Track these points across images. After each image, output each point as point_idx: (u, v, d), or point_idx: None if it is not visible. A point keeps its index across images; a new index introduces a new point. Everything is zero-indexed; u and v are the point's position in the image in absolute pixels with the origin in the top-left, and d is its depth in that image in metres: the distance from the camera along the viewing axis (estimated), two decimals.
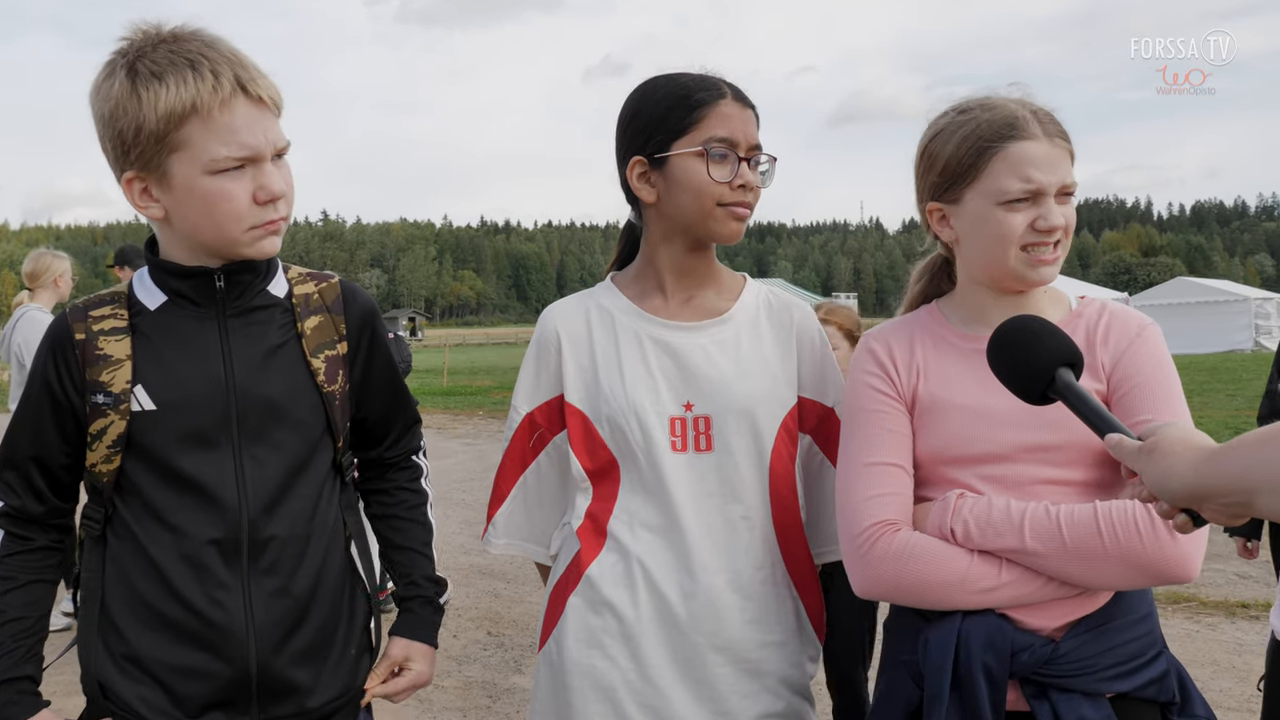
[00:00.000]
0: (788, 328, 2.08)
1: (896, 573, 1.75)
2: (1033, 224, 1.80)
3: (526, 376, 2.11)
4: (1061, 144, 1.82)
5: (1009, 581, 1.72)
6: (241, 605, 1.78)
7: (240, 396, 1.80)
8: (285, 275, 1.94)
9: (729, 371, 2.00)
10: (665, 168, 1.97)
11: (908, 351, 1.92)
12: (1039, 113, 1.83)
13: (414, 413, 2.17)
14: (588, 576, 1.99)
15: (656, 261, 2.06)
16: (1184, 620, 6.19)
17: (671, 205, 1.99)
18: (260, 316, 1.86)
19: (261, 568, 1.79)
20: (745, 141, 1.95)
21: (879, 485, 1.82)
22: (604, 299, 2.10)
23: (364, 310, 1.99)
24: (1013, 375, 1.57)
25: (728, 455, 1.98)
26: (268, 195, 1.74)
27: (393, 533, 2.11)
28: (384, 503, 2.12)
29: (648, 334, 2.03)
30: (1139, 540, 1.67)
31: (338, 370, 1.91)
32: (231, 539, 1.78)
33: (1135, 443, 1.37)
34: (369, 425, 2.06)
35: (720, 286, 2.10)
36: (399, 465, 2.14)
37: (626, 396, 1.98)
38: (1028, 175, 1.79)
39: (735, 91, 1.98)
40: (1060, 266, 1.85)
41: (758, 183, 1.98)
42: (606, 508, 2.01)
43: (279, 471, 1.82)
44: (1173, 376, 1.82)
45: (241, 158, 1.71)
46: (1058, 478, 1.78)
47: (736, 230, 1.98)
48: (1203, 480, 1.27)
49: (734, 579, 1.96)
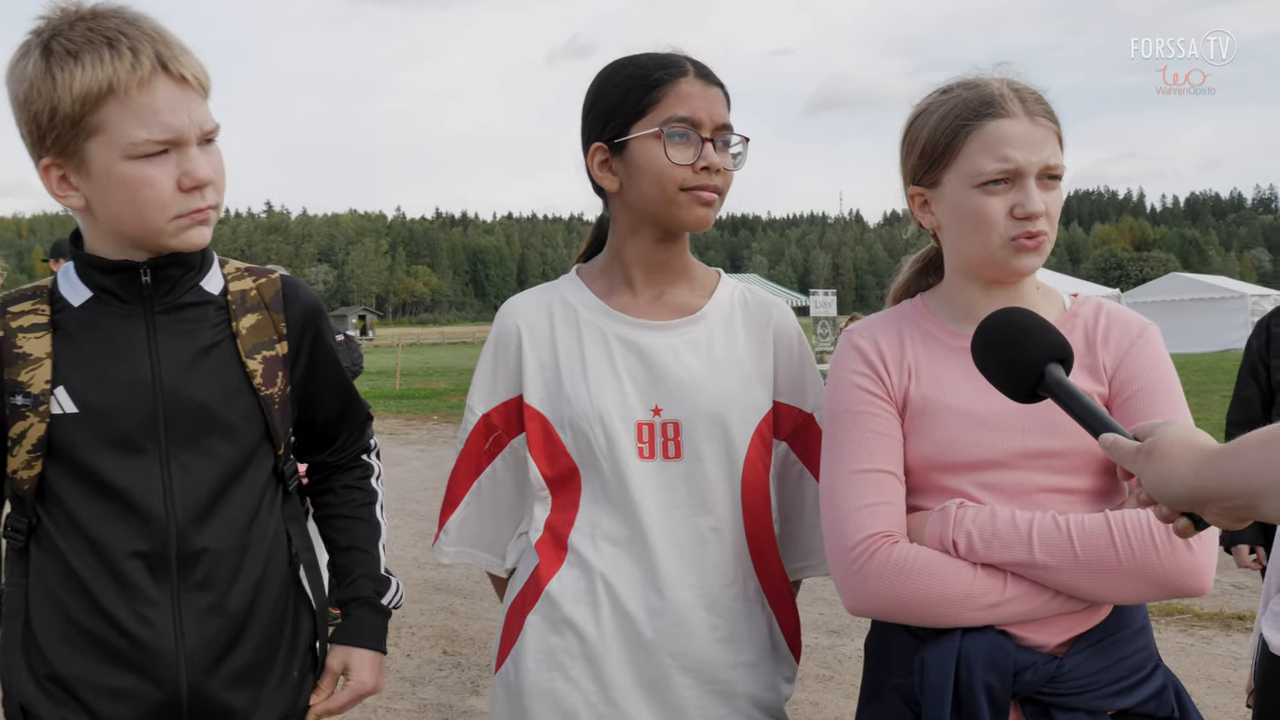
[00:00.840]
0: (764, 327, 2.07)
1: (896, 589, 1.72)
2: (1012, 210, 1.79)
3: (483, 374, 2.09)
4: (1045, 124, 1.81)
5: (1015, 596, 1.72)
6: (171, 623, 1.76)
7: (168, 400, 1.78)
8: (221, 270, 1.92)
9: (700, 374, 1.99)
10: (625, 153, 1.96)
11: (898, 349, 1.91)
12: (1022, 91, 1.83)
13: (364, 413, 2.16)
14: (547, 593, 1.97)
15: (624, 255, 2.05)
16: (1177, 633, 6.25)
17: (634, 192, 1.98)
18: (191, 314, 1.84)
19: (192, 583, 1.77)
20: (710, 121, 1.94)
21: (871, 494, 1.80)
22: (569, 293, 2.08)
23: (306, 308, 1.97)
24: (1000, 372, 1.56)
25: (698, 463, 1.97)
26: (193, 181, 1.72)
27: (336, 533, 2.10)
28: (329, 504, 2.12)
29: (614, 332, 2.01)
30: (1154, 552, 1.67)
31: (276, 372, 1.89)
32: (158, 552, 1.75)
33: (1132, 443, 1.37)
34: (315, 429, 2.05)
35: (693, 282, 2.08)
36: (348, 465, 2.14)
37: (590, 399, 1.97)
38: (1004, 154, 1.79)
39: (699, 68, 1.97)
40: (1046, 255, 1.84)
41: (727, 165, 1.97)
42: (567, 519, 2.00)
43: (211, 480, 1.80)
44: (1175, 379, 1.84)
45: (163, 140, 1.69)
46: (1061, 486, 1.78)
47: (704, 216, 1.96)
48: (1204, 482, 1.26)
49: (704, 595, 1.95)
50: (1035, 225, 1.79)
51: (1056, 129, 1.83)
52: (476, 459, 2.09)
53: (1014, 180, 1.79)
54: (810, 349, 2.13)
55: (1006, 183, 1.80)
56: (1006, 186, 1.80)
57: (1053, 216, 1.82)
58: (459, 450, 2.11)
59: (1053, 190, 1.82)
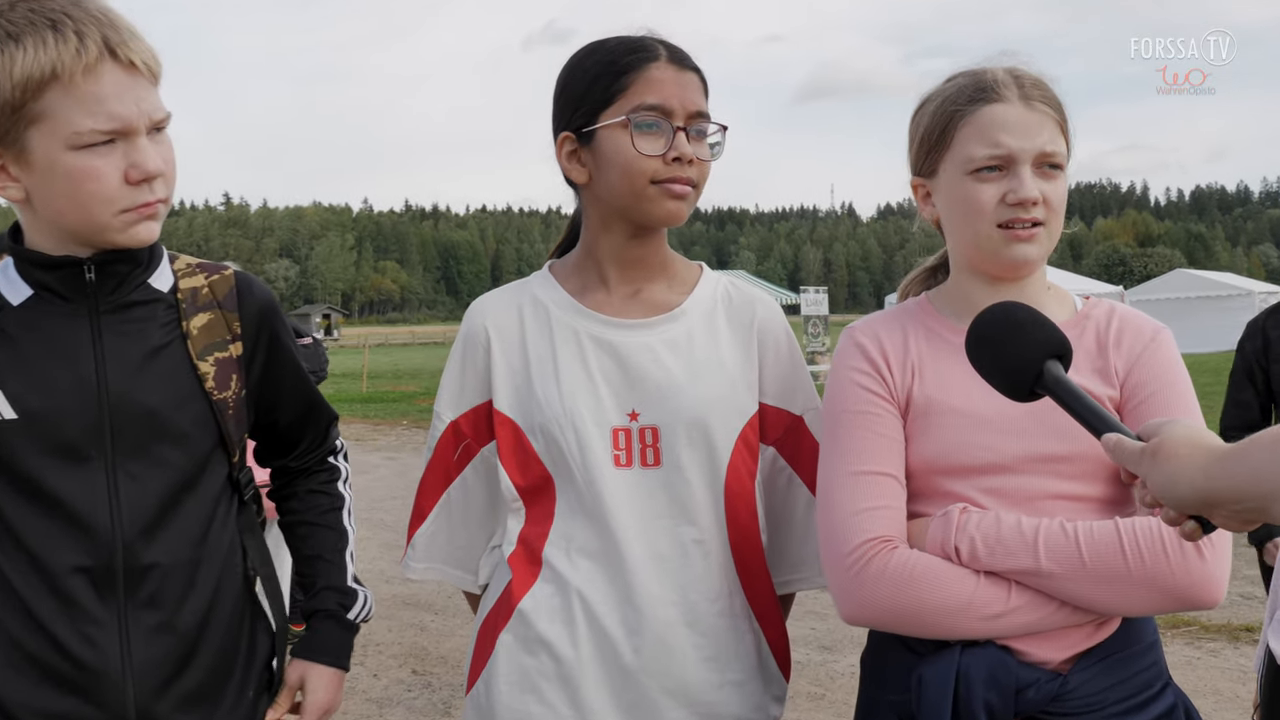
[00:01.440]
0: (748, 325, 2.06)
1: (894, 596, 1.72)
2: (1004, 197, 1.81)
3: (451, 379, 2.09)
4: (1043, 109, 1.83)
5: (1018, 607, 1.72)
6: (117, 643, 1.74)
7: (114, 405, 1.76)
8: (171, 266, 1.90)
9: (680, 375, 1.97)
10: (593, 143, 1.96)
11: (901, 348, 1.91)
12: (1022, 77, 1.85)
13: (329, 415, 2.16)
14: (520, 611, 1.96)
15: (597, 251, 2.04)
16: (1184, 646, 6.28)
17: (603, 185, 1.97)
18: (139, 313, 1.82)
19: (140, 600, 1.76)
20: (682, 108, 1.92)
21: (870, 497, 1.80)
22: (540, 291, 2.07)
23: (261, 306, 1.96)
24: (995, 370, 1.56)
25: (678, 471, 1.96)
26: (141, 174, 1.70)
27: (300, 541, 2.09)
28: (294, 509, 2.11)
29: (587, 332, 2.00)
30: (1165, 561, 1.67)
31: (230, 375, 1.88)
32: (104, 567, 1.74)
33: (1136, 444, 1.37)
34: (277, 433, 2.04)
35: (672, 278, 2.07)
36: (313, 469, 2.13)
37: (562, 404, 1.96)
38: (995, 139, 1.81)
39: (671, 52, 1.96)
40: (1045, 247, 1.85)
41: (702, 155, 1.96)
42: (541, 531, 1.99)
43: (160, 490, 1.78)
44: (1189, 383, 1.85)
45: (110, 130, 1.67)
46: (1069, 492, 1.78)
47: (675, 210, 1.95)
48: (1213, 484, 1.27)
49: (687, 612, 1.94)
50: (1029, 212, 1.80)
51: (1057, 116, 1.84)
52: (445, 469, 2.08)
53: (1008, 167, 1.81)
54: (799, 348, 2.12)
55: (1000, 170, 1.82)
56: (1000, 174, 1.82)
57: (1053, 205, 1.83)
58: (427, 459, 2.11)
59: (1053, 179, 1.83)
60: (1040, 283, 1.92)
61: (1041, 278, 1.93)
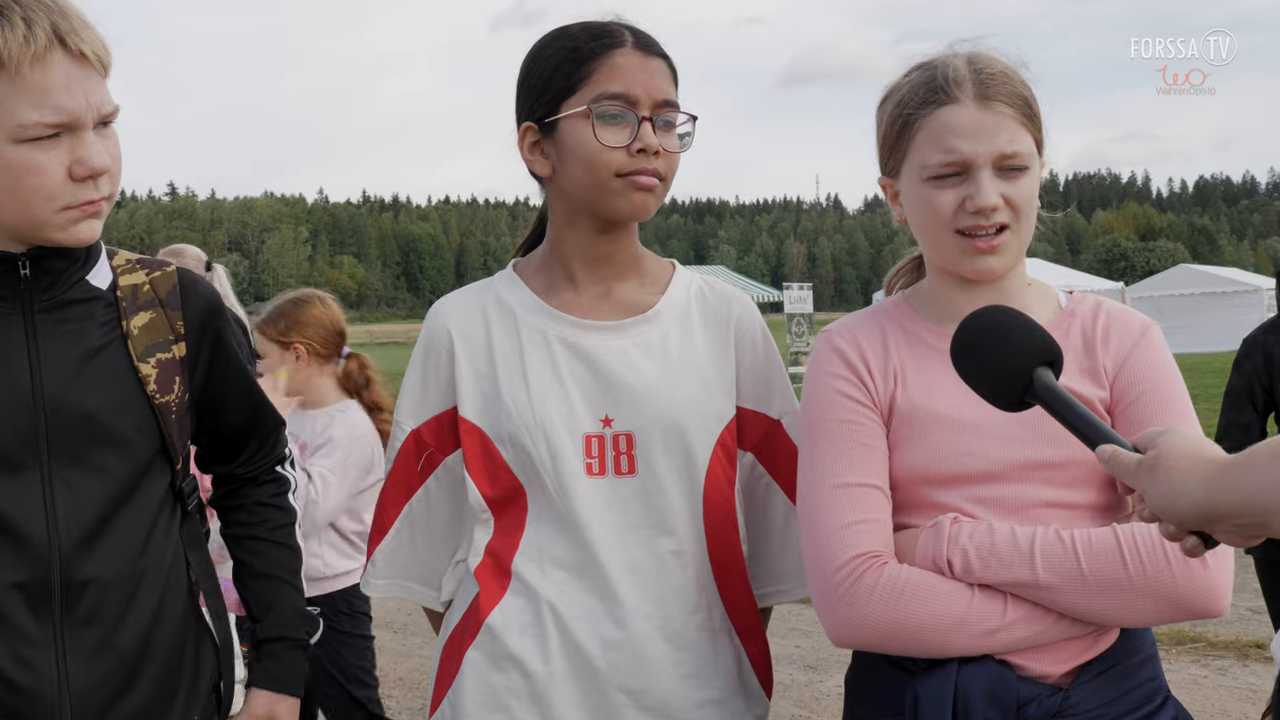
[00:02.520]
0: (724, 325, 2.07)
1: (886, 614, 1.73)
2: (962, 203, 1.81)
3: (412, 386, 2.09)
4: (1001, 109, 1.82)
5: (1016, 620, 1.73)
6: (53, 664, 1.74)
7: (51, 410, 1.75)
8: (109, 262, 1.90)
9: (654, 379, 1.98)
10: (556, 134, 1.96)
11: (881, 352, 1.92)
12: (982, 71, 1.84)
13: (275, 418, 2.16)
14: (488, 625, 1.96)
15: (564, 247, 2.04)
16: (1190, 664, 6.31)
17: (566, 178, 1.98)
18: (76, 312, 1.82)
19: (78, 618, 1.75)
20: (648, 97, 1.93)
21: (856, 510, 1.81)
22: (505, 292, 2.07)
23: (206, 304, 1.97)
24: (983, 379, 1.57)
25: (654, 479, 1.96)
26: (87, 170, 1.70)
27: (252, 557, 2.09)
28: (241, 522, 2.11)
29: (557, 335, 2.00)
30: (1168, 569, 1.69)
31: (173, 377, 1.88)
32: (39, 582, 1.73)
33: (1133, 456, 1.38)
34: (222, 439, 2.04)
35: (643, 276, 2.08)
36: (261, 479, 2.13)
37: (532, 410, 1.96)
38: (949, 145, 1.81)
39: (638, 38, 1.97)
40: (1012, 254, 1.85)
41: (670, 146, 1.97)
42: (510, 542, 1.99)
43: (98, 500, 1.78)
44: (1181, 383, 1.87)
45: (56, 124, 1.67)
46: (1063, 500, 1.80)
47: (642, 204, 1.96)
48: (1215, 498, 1.28)
49: (664, 626, 1.95)
50: (989, 219, 1.81)
51: (1018, 113, 1.83)
52: (407, 480, 2.08)
53: (965, 172, 1.82)
54: (776, 348, 2.13)
55: (959, 175, 1.82)
56: (958, 179, 1.83)
57: (1019, 206, 1.83)
58: (387, 471, 2.11)
59: (1017, 179, 1.83)
60: (1019, 280, 1.93)
61: (1021, 274, 1.93)
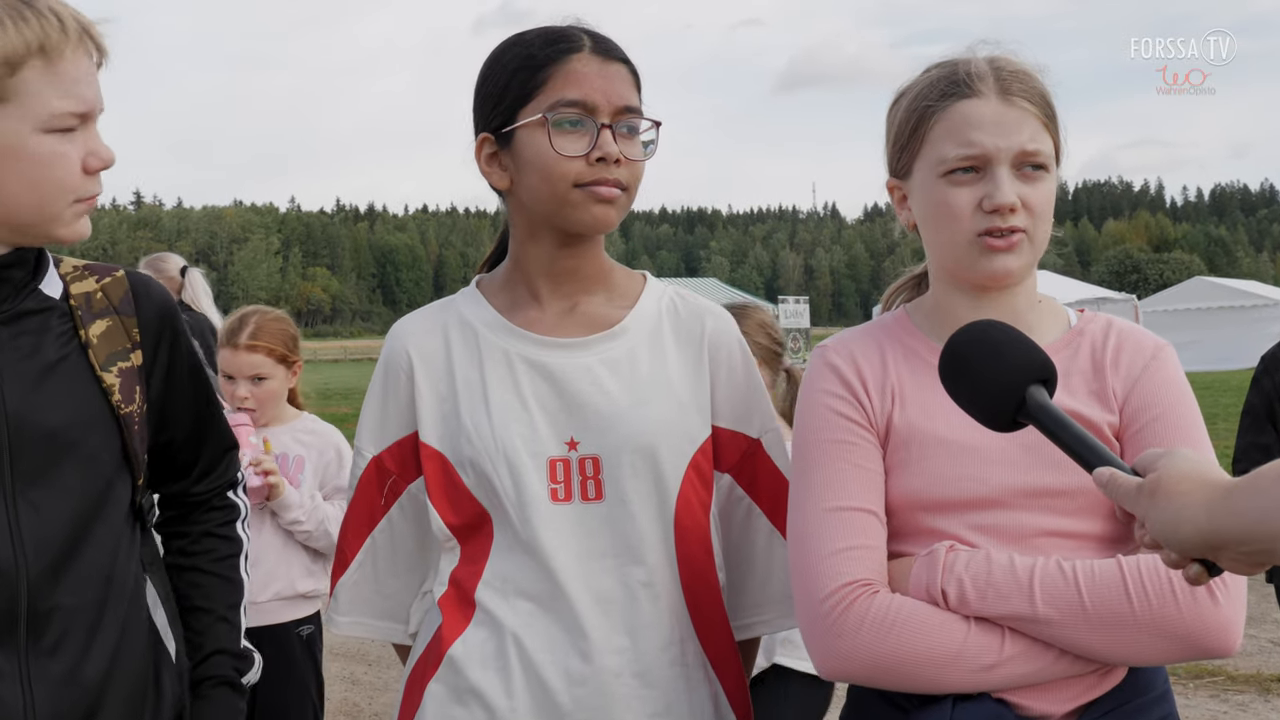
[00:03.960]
0: (698, 340, 2.07)
1: (876, 646, 1.72)
2: (980, 202, 1.82)
3: (372, 410, 2.10)
4: (1024, 105, 1.84)
5: (1014, 656, 1.72)
6: (19, 697, 1.73)
7: (13, 426, 1.75)
8: (57, 271, 1.90)
9: (622, 399, 1.98)
10: (512, 145, 1.97)
11: (879, 369, 1.92)
12: (1002, 70, 1.86)
13: (228, 435, 2.15)
14: (450, 657, 1.97)
15: (526, 262, 2.05)
16: (1208, 699, 6.29)
17: (524, 190, 1.98)
18: (32, 324, 1.82)
19: (44, 647, 1.75)
20: (608, 104, 1.93)
21: (848, 536, 1.80)
22: (467, 310, 2.08)
23: (160, 308, 1.98)
24: (973, 398, 1.57)
25: (622, 505, 1.96)
26: (101, 162, 1.77)
27: (191, 589, 2.07)
28: (186, 551, 2.09)
29: (519, 354, 2.00)
30: (1174, 604, 1.68)
31: (134, 386, 1.89)
32: (6, 611, 1.73)
33: (1132, 480, 1.38)
34: (173, 451, 2.03)
35: (611, 290, 2.08)
36: (210, 504, 2.12)
37: (493, 434, 1.96)
38: (969, 138, 1.82)
39: (596, 43, 1.97)
40: (1028, 257, 1.86)
41: (632, 154, 1.97)
42: (474, 571, 1.99)
43: (65, 521, 1.78)
44: (1195, 406, 1.87)
45: (80, 113, 1.74)
46: (1066, 529, 1.79)
47: (602, 216, 1.96)
48: (1218, 524, 1.28)
49: (634, 660, 1.94)
50: (1005, 220, 1.81)
51: (1041, 112, 1.85)
52: (369, 510, 2.08)
53: (983, 168, 1.82)
54: (755, 362, 2.13)
55: (976, 171, 1.83)
56: (976, 176, 1.83)
57: (1036, 210, 1.84)
58: (348, 500, 2.11)
59: (1036, 181, 1.84)
60: (1028, 295, 1.93)
61: (1030, 290, 1.93)
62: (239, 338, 3.92)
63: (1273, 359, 4.10)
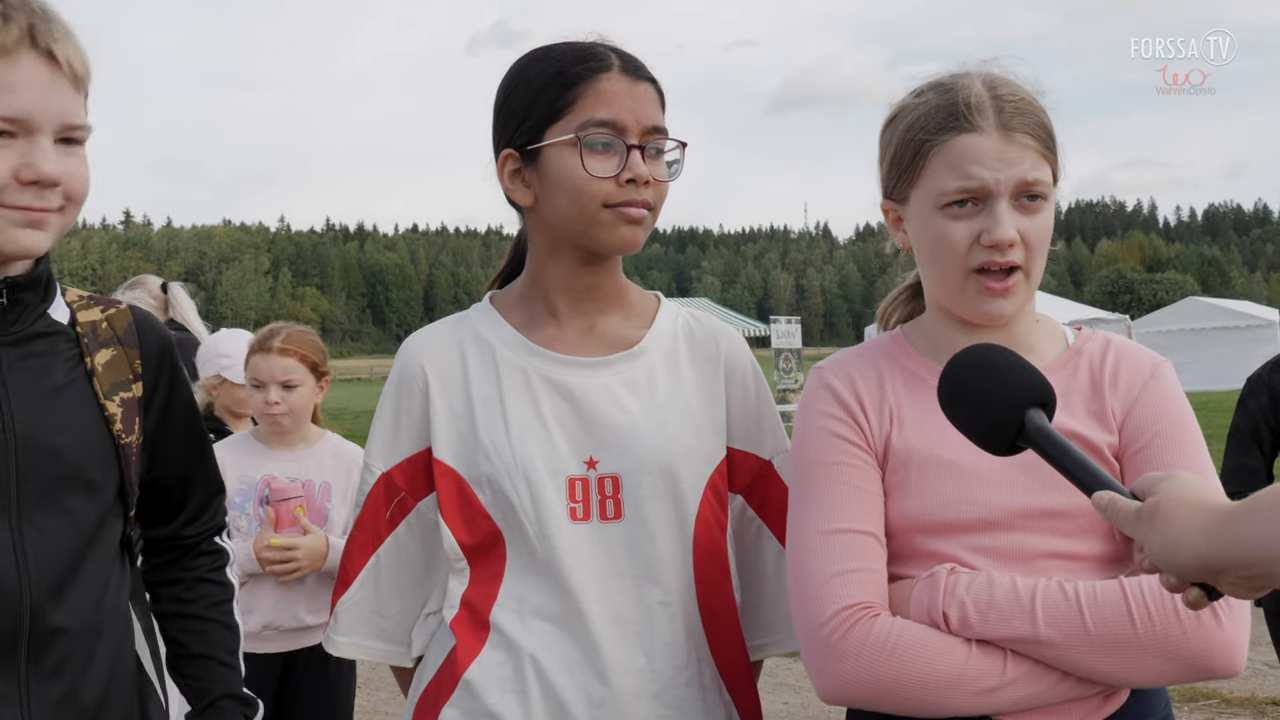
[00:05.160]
0: (713, 361, 2.08)
1: (877, 670, 1.72)
2: (978, 237, 1.81)
3: (383, 425, 2.08)
4: (1024, 140, 1.82)
5: (1016, 679, 1.72)
6: (18, 718, 1.72)
7: (23, 447, 1.75)
8: (64, 298, 1.91)
9: (642, 419, 1.98)
10: (539, 162, 1.97)
11: (877, 391, 1.92)
12: (1003, 98, 1.84)
13: (218, 478, 2.15)
14: (466, 681, 1.95)
15: (545, 280, 2.05)
16: None
17: (549, 209, 1.98)
18: (41, 346, 1.83)
19: (45, 669, 1.75)
20: (637, 124, 1.94)
21: (848, 559, 1.80)
22: (482, 327, 2.07)
23: (162, 344, 1.98)
24: (972, 421, 1.58)
25: (641, 525, 1.96)
26: (33, 174, 1.70)
27: (189, 636, 2.07)
28: (180, 598, 2.08)
29: (538, 372, 2.00)
30: (1178, 625, 1.67)
31: (134, 418, 1.89)
32: (9, 632, 1.72)
33: (1131, 504, 1.38)
34: (163, 489, 2.03)
35: (628, 310, 2.09)
36: (199, 550, 2.11)
37: (512, 452, 1.95)
38: (968, 171, 1.81)
39: (625, 62, 1.97)
40: (1023, 298, 1.86)
41: (659, 175, 1.97)
42: (488, 592, 1.98)
43: (67, 545, 1.78)
44: (1194, 424, 1.86)
45: (9, 119, 1.68)
46: (1067, 550, 1.79)
47: (631, 237, 1.96)
48: (1217, 548, 1.28)
49: (652, 681, 1.94)
50: (1004, 255, 1.81)
51: (1038, 145, 1.83)
52: (375, 527, 2.07)
53: (982, 201, 1.82)
54: (767, 385, 2.14)
55: (975, 204, 1.82)
56: (974, 209, 1.82)
57: (1033, 245, 1.83)
58: (354, 517, 2.09)
59: (1035, 212, 1.83)
60: (1026, 318, 1.93)
61: (1028, 312, 1.93)
62: (273, 342, 3.90)
63: (1258, 381, 4.13)
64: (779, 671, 7.04)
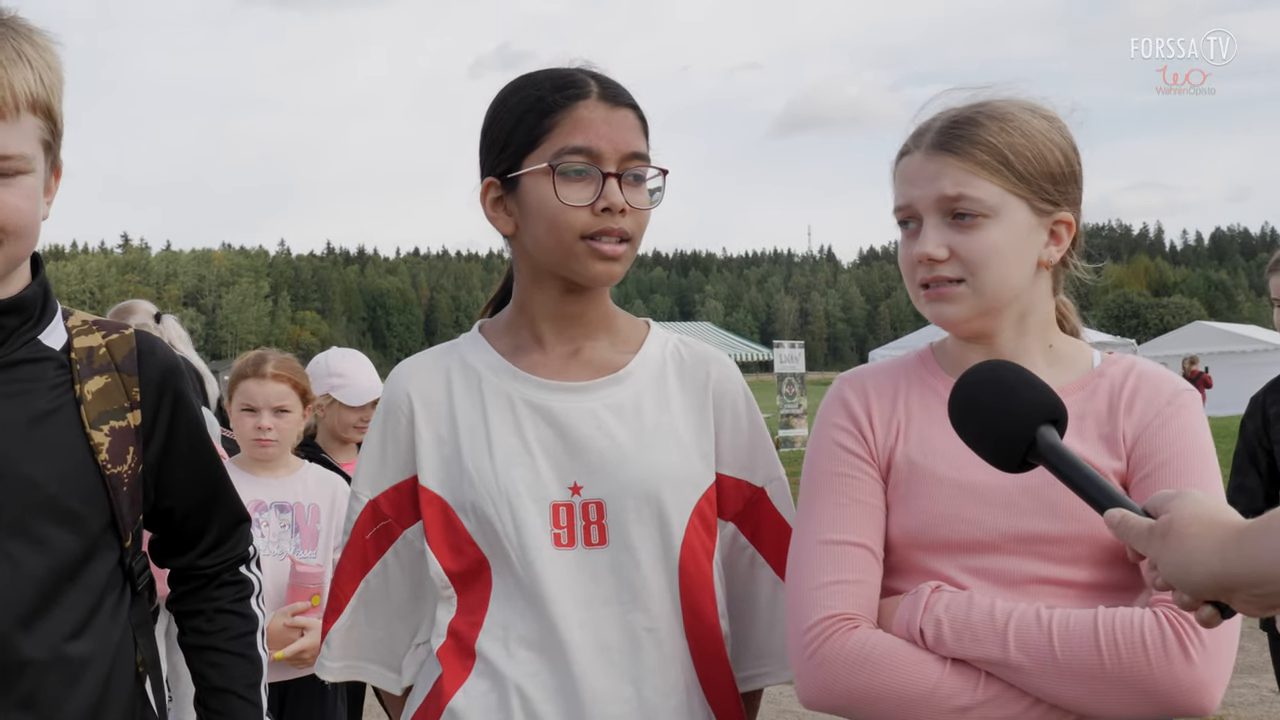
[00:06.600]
0: (702, 386, 2.08)
1: (848, 680, 1.74)
2: (920, 257, 1.86)
3: (370, 454, 2.08)
4: (949, 158, 1.83)
5: (988, 700, 1.73)
6: None
7: None
8: (65, 323, 1.89)
9: (627, 444, 1.98)
10: (518, 190, 1.97)
11: (889, 403, 1.93)
12: (954, 120, 1.87)
13: (238, 507, 2.13)
14: (451, 710, 1.95)
15: (530, 307, 2.05)
16: None
17: (529, 237, 1.99)
18: (26, 373, 1.82)
19: (13, 701, 1.74)
20: (614, 151, 1.93)
21: (837, 570, 1.82)
22: (469, 354, 2.07)
23: (164, 369, 1.96)
24: (983, 437, 1.58)
25: (627, 551, 1.96)
26: None
27: (210, 669, 2.06)
28: (201, 630, 2.07)
29: (522, 397, 2.01)
30: (1145, 659, 1.67)
31: (127, 447, 1.87)
32: None
33: (1144, 521, 1.38)
34: (176, 521, 2.02)
35: (615, 335, 2.09)
36: (221, 580, 2.09)
37: (496, 477, 1.96)
38: (900, 191, 1.90)
39: (604, 88, 1.97)
40: (974, 306, 1.85)
41: (638, 203, 1.97)
42: (474, 621, 1.98)
43: (40, 576, 1.77)
44: (1208, 454, 1.85)
45: None
46: (1056, 576, 1.80)
47: (605, 272, 1.96)
48: (1230, 567, 1.28)
49: (638, 709, 1.94)
50: (931, 270, 1.84)
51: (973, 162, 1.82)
52: (363, 554, 2.07)
53: (912, 220, 1.89)
54: (759, 411, 2.14)
55: (919, 224, 1.87)
56: (914, 227, 1.89)
57: (968, 259, 1.83)
58: (343, 544, 2.10)
59: (970, 230, 1.83)
60: (1035, 339, 1.93)
61: (1034, 333, 1.93)
62: (265, 368, 3.90)
63: (1254, 403, 4.20)
64: (782, 699, 7.02)
